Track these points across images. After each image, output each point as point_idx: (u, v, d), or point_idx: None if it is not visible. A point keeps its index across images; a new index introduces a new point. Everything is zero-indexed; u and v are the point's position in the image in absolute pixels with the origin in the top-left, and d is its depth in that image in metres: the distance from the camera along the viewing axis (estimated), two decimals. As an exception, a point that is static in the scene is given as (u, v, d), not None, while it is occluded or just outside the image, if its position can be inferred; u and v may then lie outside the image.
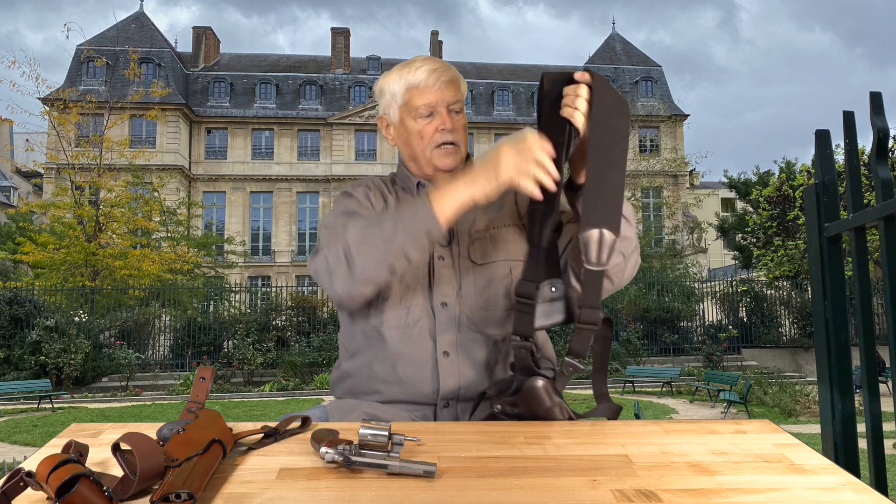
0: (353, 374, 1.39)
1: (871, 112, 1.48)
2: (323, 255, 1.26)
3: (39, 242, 22.82)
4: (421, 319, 1.33)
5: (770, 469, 0.92)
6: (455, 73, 1.44)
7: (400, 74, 1.43)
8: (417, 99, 1.41)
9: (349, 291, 1.24)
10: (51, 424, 11.65)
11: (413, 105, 1.41)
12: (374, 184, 1.48)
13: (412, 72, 1.42)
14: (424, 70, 1.41)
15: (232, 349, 18.71)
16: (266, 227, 39.66)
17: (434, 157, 1.41)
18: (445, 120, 1.40)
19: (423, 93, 1.40)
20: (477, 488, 0.84)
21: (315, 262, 1.29)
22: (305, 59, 45.22)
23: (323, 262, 1.26)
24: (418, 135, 1.42)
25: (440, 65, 1.43)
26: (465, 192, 1.18)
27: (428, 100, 1.40)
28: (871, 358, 1.52)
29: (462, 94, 1.44)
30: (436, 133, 1.40)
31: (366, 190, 1.45)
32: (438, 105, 1.40)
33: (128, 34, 37.23)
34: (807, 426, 10.12)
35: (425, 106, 1.40)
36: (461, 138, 1.42)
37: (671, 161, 34.76)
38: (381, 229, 1.21)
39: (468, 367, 1.32)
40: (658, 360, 19.44)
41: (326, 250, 1.26)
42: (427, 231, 1.18)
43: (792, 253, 21.65)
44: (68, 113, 23.56)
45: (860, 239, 1.57)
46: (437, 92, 1.40)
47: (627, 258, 1.29)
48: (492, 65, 46.25)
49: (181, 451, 0.85)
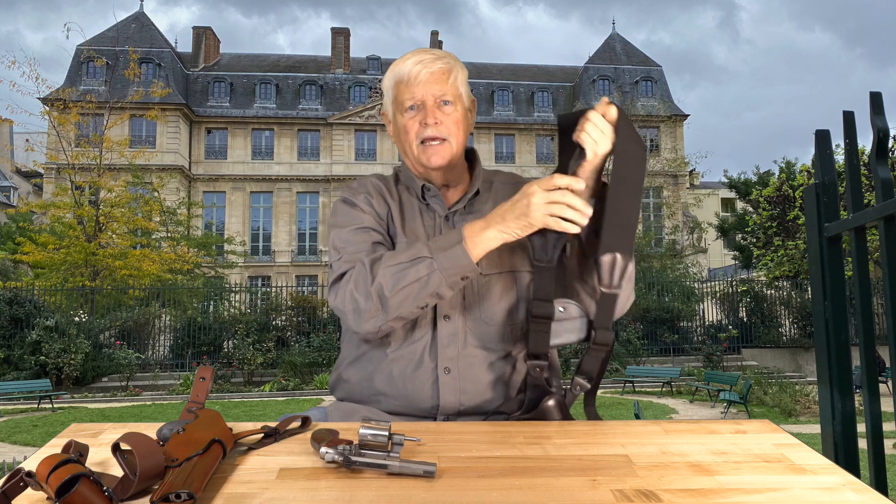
0: (353, 382, 1.37)
1: (871, 112, 1.48)
2: (348, 293, 1.23)
3: (39, 242, 22.82)
4: (424, 334, 1.31)
5: (770, 469, 0.92)
6: (446, 63, 1.36)
7: (391, 70, 1.38)
8: (403, 93, 1.35)
9: (380, 328, 1.24)
10: (51, 424, 11.65)
11: (400, 99, 1.36)
12: (373, 187, 1.40)
13: (400, 63, 1.36)
14: (411, 61, 1.35)
15: (232, 349, 18.71)
16: (266, 227, 39.66)
17: (419, 153, 1.35)
18: (429, 113, 1.33)
19: (409, 86, 1.34)
20: (477, 488, 0.84)
21: (338, 298, 1.25)
22: (305, 59, 45.21)
23: (350, 302, 1.23)
24: (406, 130, 1.36)
25: (429, 55, 1.36)
26: (498, 237, 1.18)
27: (413, 93, 1.34)
28: (871, 358, 1.52)
29: (454, 85, 1.36)
30: (420, 128, 1.34)
31: (367, 197, 1.38)
32: (425, 98, 1.34)
33: (128, 34, 37.22)
34: (807, 426, 10.12)
35: (410, 100, 1.34)
36: (450, 132, 1.35)
37: (671, 161, 34.77)
38: (415, 272, 1.19)
39: (469, 384, 1.30)
40: (658, 360, 19.43)
41: (353, 289, 1.22)
42: (463, 275, 1.19)
43: (792, 253, 21.64)
44: (68, 113, 23.55)
45: (860, 239, 1.57)
46: (422, 84, 1.33)
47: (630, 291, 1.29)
48: (492, 65, 46.22)
49: (181, 451, 0.85)
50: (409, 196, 1.42)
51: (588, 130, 1.19)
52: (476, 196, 1.41)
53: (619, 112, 1.21)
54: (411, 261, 1.20)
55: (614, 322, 1.24)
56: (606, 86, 41.50)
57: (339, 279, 1.26)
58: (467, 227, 1.20)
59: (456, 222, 1.37)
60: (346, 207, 1.37)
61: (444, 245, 1.20)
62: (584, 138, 1.20)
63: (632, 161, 1.20)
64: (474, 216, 1.32)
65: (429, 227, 1.38)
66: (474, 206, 1.40)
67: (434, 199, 1.40)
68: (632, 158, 1.21)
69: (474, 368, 1.30)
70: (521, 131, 41.58)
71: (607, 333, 1.20)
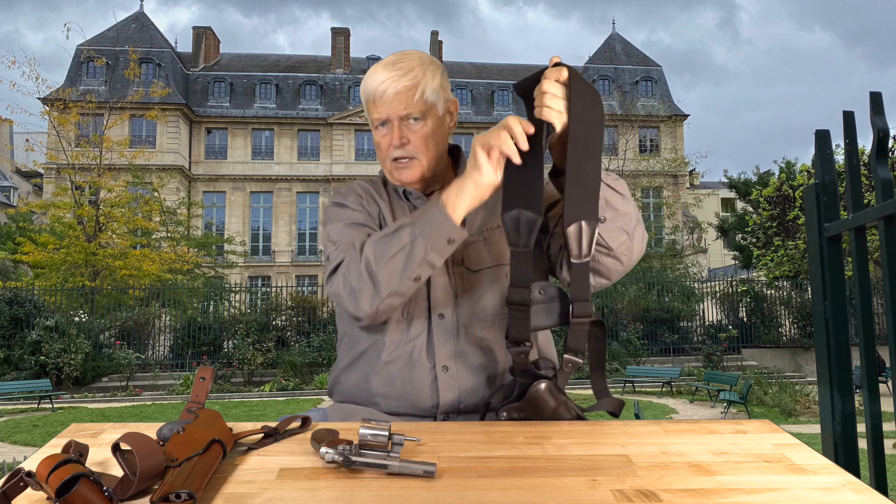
0: (350, 386, 1.36)
1: (871, 112, 1.48)
2: (342, 276, 1.23)
3: (39, 242, 22.83)
4: (420, 334, 1.31)
5: (770, 469, 0.92)
6: (413, 79, 1.32)
7: (364, 81, 1.36)
8: (372, 111, 1.35)
9: (377, 307, 1.21)
10: (51, 424, 11.65)
11: (371, 117, 1.37)
12: (363, 189, 1.43)
13: (369, 78, 1.34)
14: (374, 81, 1.33)
15: (232, 349, 18.72)
16: (266, 227, 39.66)
17: (392, 169, 1.37)
18: (395, 135, 1.33)
19: (376, 105, 1.33)
20: (477, 488, 0.84)
21: (334, 285, 1.25)
22: (305, 59, 45.21)
23: (344, 284, 1.23)
24: (377, 146, 1.38)
25: (396, 70, 1.32)
26: (473, 190, 1.15)
27: (380, 112, 1.34)
28: (871, 358, 1.52)
29: (421, 101, 1.33)
30: (388, 147, 1.35)
31: (357, 198, 1.40)
32: (391, 117, 1.33)
33: (128, 34, 37.21)
34: (807, 426, 10.12)
35: (378, 119, 1.35)
36: (418, 149, 1.34)
37: (671, 161, 34.79)
38: (398, 241, 1.18)
39: (467, 379, 1.30)
40: (658, 360, 19.44)
41: (346, 271, 1.22)
42: (448, 238, 1.17)
43: (792, 253, 21.65)
44: (68, 113, 23.56)
45: (860, 239, 1.57)
46: (387, 104, 1.32)
47: (632, 235, 1.25)
48: (492, 65, 46.24)
49: (181, 451, 0.85)
50: (397, 198, 1.43)
51: (550, 105, 1.14)
52: None
53: (571, 72, 1.15)
54: (394, 231, 1.20)
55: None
56: (606, 86, 41.52)
57: (336, 269, 1.26)
58: (444, 192, 1.19)
59: None
60: (338, 208, 1.38)
61: (424, 210, 1.20)
62: (548, 113, 1.14)
63: (590, 125, 1.15)
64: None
65: None
66: None
67: (419, 200, 1.41)
68: (590, 122, 1.15)
69: (472, 362, 1.31)
70: (521, 131, 41.57)
71: (586, 305, 1.16)
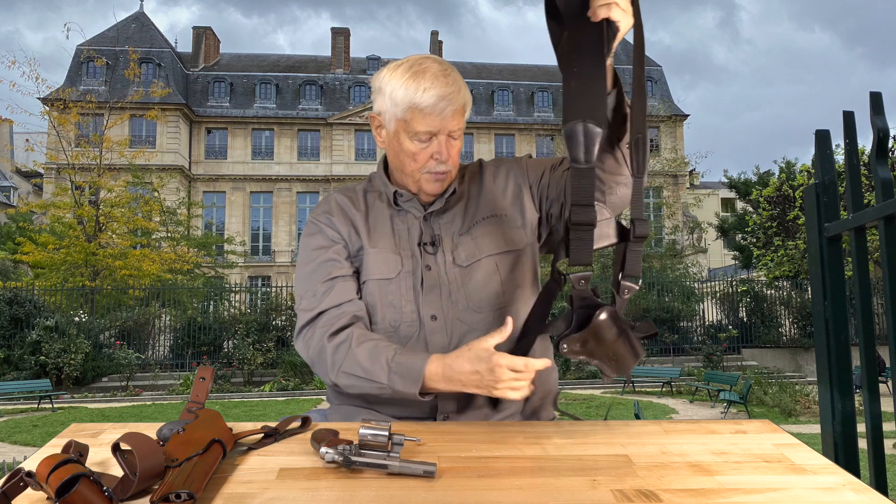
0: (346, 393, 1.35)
1: (871, 112, 1.48)
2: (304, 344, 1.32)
3: (39, 242, 22.82)
4: (411, 338, 1.31)
5: (770, 469, 0.92)
6: (464, 98, 1.34)
7: (406, 87, 1.30)
8: (419, 123, 1.31)
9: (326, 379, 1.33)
10: (51, 424, 11.65)
11: (413, 127, 1.31)
12: (336, 205, 1.43)
13: (420, 91, 1.29)
14: (433, 95, 1.29)
15: (232, 349, 18.71)
16: (266, 227, 39.64)
17: (423, 181, 1.36)
18: (443, 150, 1.33)
19: (428, 118, 1.30)
20: (477, 488, 0.84)
21: (299, 345, 1.35)
22: (305, 59, 45.20)
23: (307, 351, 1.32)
24: (412, 156, 1.34)
25: (451, 89, 1.31)
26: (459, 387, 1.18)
27: (430, 126, 1.31)
28: (871, 358, 1.52)
29: (466, 119, 1.36)
30: (430, 160, 1.33)
31: (328, 218, 1.40)
32: (440, 133, 1.32)
33: (128, 34, 37.20)
34: (807, 426, 10.12)
35: (426, 133, 1.31)
36: (454, 163, 1.37)
37: (671, 161, 34.75)
38: (368, 385, 1.24)
39: None
40: (658, 360, 19.43)
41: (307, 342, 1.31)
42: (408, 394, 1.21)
43: (792, 253, 21.65)
44: (68, 113, 23.55)
45: (860, 239, 1.57)
46: (443, 120, 1.31)
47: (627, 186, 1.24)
48: (492, 65, 46.22)
49: (181, 451, 0.85)
50: (379, 203, 1.42)
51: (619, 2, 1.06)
52: (452, 194, 1.41)
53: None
54: (367, 378, 1.24)
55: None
56: (606, 86, 41.45)
57: (301, 330, 1.34)
58: (427, 374, 1.18)
59: (433, 223, 1.39)
60: (308, 240, 1.41)
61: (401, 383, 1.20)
62: (616, 12, 1.06)
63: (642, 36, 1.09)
64: (449, 213, 1.39)
65: (400, 232, 1.38)
66: (449, 203, 1.41)
67: (409, 202, 1.40)
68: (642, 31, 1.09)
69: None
70: (522, 131, 41.57)
71: (644, 224, 1.10)
